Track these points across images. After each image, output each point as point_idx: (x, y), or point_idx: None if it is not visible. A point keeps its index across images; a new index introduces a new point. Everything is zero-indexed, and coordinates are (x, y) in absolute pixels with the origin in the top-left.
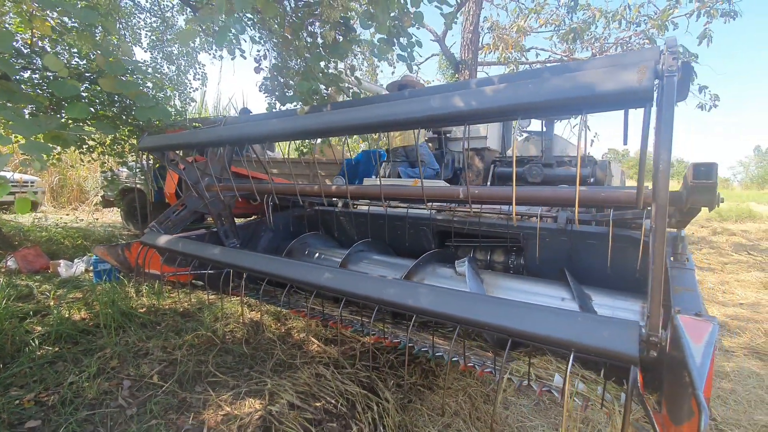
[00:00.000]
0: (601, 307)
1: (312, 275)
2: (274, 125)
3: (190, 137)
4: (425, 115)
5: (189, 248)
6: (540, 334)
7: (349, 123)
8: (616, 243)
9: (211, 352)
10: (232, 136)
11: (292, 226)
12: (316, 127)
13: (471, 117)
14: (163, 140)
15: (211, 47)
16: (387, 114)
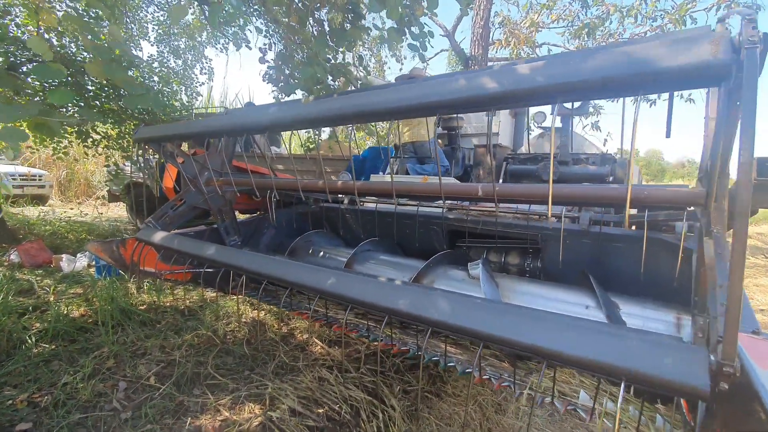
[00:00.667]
0: (629, 317)
1: (314, 279)
2: (276, 113)
3: (188, 127)
4: (447, 98)
5: (185, 246)
6: (585, 358)
7: (358, 109)
8: (649, 247)
9: (211, 352)
10: (232, 125)
11: (296, 223)
12: (322, 114)
13: (504, 100)
14: (159, 131)
15: (218, 41)
16: (403, 98)
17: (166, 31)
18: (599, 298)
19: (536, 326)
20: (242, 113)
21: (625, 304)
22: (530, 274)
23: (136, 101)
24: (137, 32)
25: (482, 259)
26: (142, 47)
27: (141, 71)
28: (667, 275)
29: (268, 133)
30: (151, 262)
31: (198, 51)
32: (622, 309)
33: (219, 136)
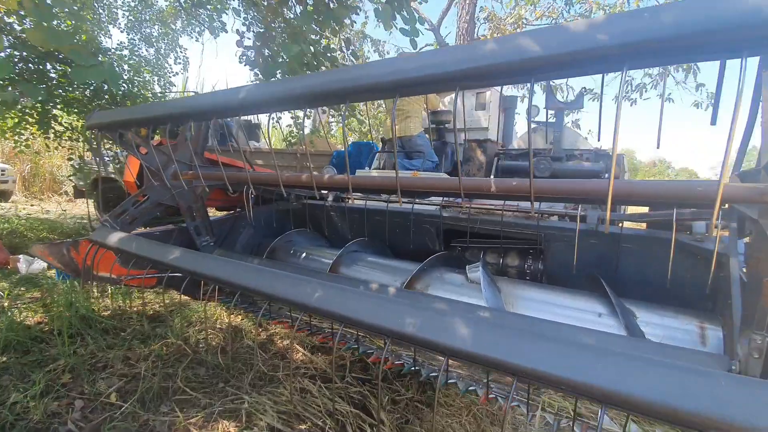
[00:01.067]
0: (648, 326)
1: (296, 291)
2: (251, 92)
3: (148, 110)
4: (451, 70)
5: (145, 249)
6: (666, 406)
7: (348, 84)
8: (663, 249)
9: (181, 363)
10: (200, 107)
11: (276, 222)
12: (304, 90)
13: (526, 70)
14: (115, 115)
15: (193, 29)
16: (408, 69)
17: (137, 18)
18: (614, 305)
19: (581, 360)
20: (211, 94)
21: (641, 311)
22: (531, 277)
23: (86, 74)
24: (106, 18)
25: (482, 262)
26: (111, 34)
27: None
28: (682, 279)
29: (240, 117)
30: (107, 267)
31: (172, 39)
32: (638, 317)
33: (185, 121)
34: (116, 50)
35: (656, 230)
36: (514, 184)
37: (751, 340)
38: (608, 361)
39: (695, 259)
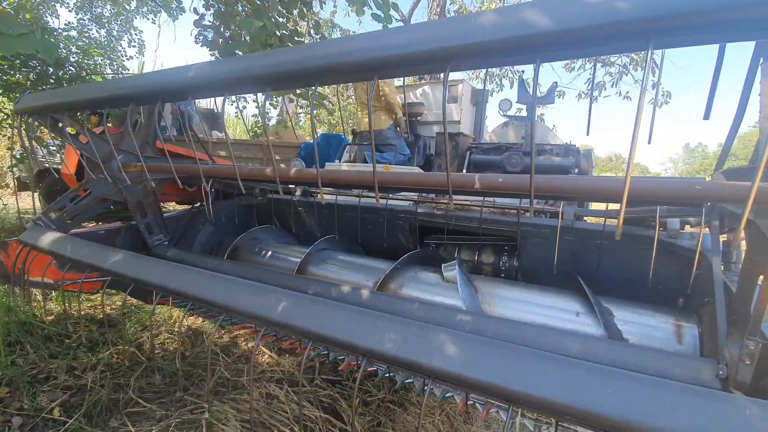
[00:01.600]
0: (625, 325)
1: (252, 302)
2: (202, 70)
3: (85, 92)
4: (444, 46)
5: (81, 252)
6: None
7: (319, 62)
8: (639, 246)
9: (134, 372)
10: (143, 88)
11: (240, 218)
12: (265, 70)
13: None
14: (46, 98)
15: (149, 11)
16: (391, 45)
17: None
18: (593, 304)
19: (556, 377)
20: (157, 73)
21: (618, 309)
22: (506, 275)
23: (14, 44)
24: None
25: (458, 260)
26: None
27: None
28: (656, 276)
29: (199, 105)
30: (40, 271)
31: (126, 20)
32: (615, 315)
33: (127, 104)
34: (63, 30)
35: (631, 226)
36: (500, 181)
37: (743, 346)
38: (594, 382)
39: (669, 255)
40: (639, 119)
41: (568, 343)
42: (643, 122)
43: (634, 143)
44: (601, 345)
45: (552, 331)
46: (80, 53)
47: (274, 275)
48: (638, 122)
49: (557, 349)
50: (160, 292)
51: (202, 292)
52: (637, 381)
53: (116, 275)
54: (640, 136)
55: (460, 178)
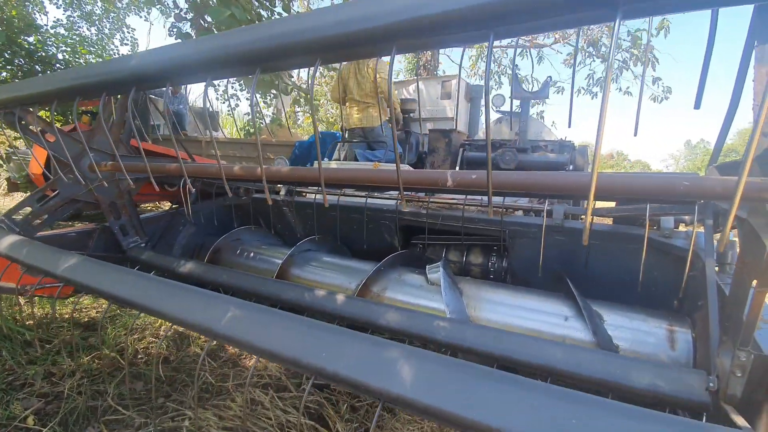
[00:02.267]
0: (616, 330)
1: (199, 312)
2: (181, 49)
3: (49, 83)
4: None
5: (34, 257)
6: None
7: (262, 45)
8: (628, 245)
9: (114, 378)
10: (115, 73)
11: (222, 218)
12: (256, 45)
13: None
14: (7, 92)
15: (141, 9)
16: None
17: None
18: (581, 308)
19: (540, 411)
20: (131, 57)
21: (608, 312)
22: (495, 276)
23: None
24: None
25: (443, 261)
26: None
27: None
28: (649, 277)
29: (193, 104)
30: (12, 275)
31: (117, 18)
32: (605, 320)
33: (100, 92)
34: (52, 27)
35: (622, 225)
36: (473, 178)
37: (735, 357)
38: (559, 409)
39: (663, 256)
40: (604, 110)
41: (551, 353)
42: (630, 115)
43: (599, 136)
44: (584, 355)
45: (533, 341)
46: (69, 51)
47: (250, 279)
48: (603, 115)
49: (539, 359)
50: (110, 301)
51: (149, 301)
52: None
53: (68, 282)
54: (630, 129)
55: (429, 176)
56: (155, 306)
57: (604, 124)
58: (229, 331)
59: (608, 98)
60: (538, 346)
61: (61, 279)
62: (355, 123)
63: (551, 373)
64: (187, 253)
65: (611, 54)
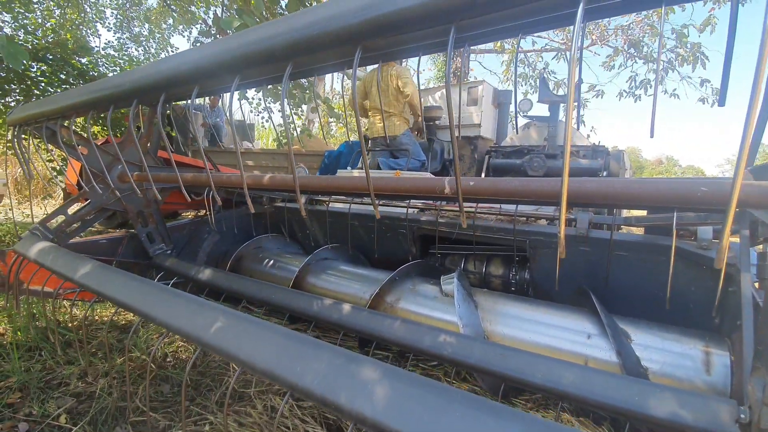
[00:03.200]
0: (645, 350)
1: (186, 320)
2: (206, 51)
3: (77, 95)
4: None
5: (59, 262)
6: None
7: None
8: (660, 257)
9: (144, 380)
10: (145, 80)
11: (246, 226)
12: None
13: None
14: (40, 106)
15: (184, 29)
16: None
17: (125, 16)
18: (605, 325)
19: None
20: (157, 63)
21: (637, 331)
22: (516, 288)
23: None
24: (94, 15)
25: (458, 272)
26: (99, 33)
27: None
28: (684, 293)
29: (231, 118)
30: (41, 279)
31: (163, 38)
32: (633, 339)
33: (131, 101)
34: (103, 49)
35: (655, 236)
36: (471, 185)
37: (767, 386)
38: None
39: (699, 269)
40: (570, 106)
41: (563, 374)
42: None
43: (567, 138)
44: (599, 379)
45: (543, 360)
46: (119, 71)
47: (264, 288)
48: (569, 114)
49: (549, 380)
50: (125, 309)
51: (145, 307)
52: None
53: (84, 287)
54: (644, 130)
55: (428, 183)
56: (165, 318)
57: (569, 130)
58: (214, 340)
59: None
60: (548, 367)
61: (82, 286)
62: (378, 132)
63: (563, 396)
64: (211, 261)
65: (572, 53)
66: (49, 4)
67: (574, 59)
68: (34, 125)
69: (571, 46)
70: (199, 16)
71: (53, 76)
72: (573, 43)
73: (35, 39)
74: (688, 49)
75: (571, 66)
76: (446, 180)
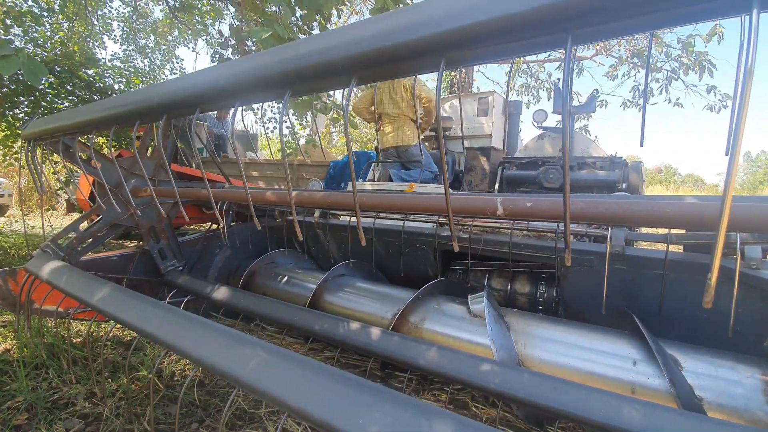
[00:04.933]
0: (698, 378)
1: (192, 342)
2: (207, 76)
3: (91, 111)
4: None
5: (71, 284)
6: None
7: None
8: (702, 276)
9: (152, 400)
10: (148, 102)
11: (258, 241)
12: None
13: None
14: (52, 121)
15: (189, 41)
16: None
17: (131, 28)
18: (653, 350)
19: None
20: (163, 85)
21: (686, 357)
22: (544, 308)
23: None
24: (101, 28)
25: (486, 291)
26: (106, 45)
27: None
28: (725, 313)
29: (226, 124)
30: (54, 299)
31: (168, 50)
32: (683, 365)
33: (135, 120)
34: (109, 60)
35: (695, 254)
36: (528, 206)
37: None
38: None
39: (748, 290)
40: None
41: (623, 411)
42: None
43: (567, 151)
44: (666, 417)
45: (600, 395)
46: (124, 82)
47: (282, 308)
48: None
49: (608, 417)
50: (137, 332)
51: (146, 326)
52: None
53: (99, 311)
54: (635, 139)
55: (476, 202)
56: (178, 344)
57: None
58: (220, 364)
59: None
60: (605, 402)
61: (93, 308)
62: (389, 142)
63: None
64: (222, 276)
65: (567, 77)
66: (58, 17)
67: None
68: (50, 140)
69: (564, 69)
70: (206, 28)
71: (60, 87)
72: (566, 68)
73: (44, 52)
74: (693, 59)
75: (565, 80)
76: (498, 200)
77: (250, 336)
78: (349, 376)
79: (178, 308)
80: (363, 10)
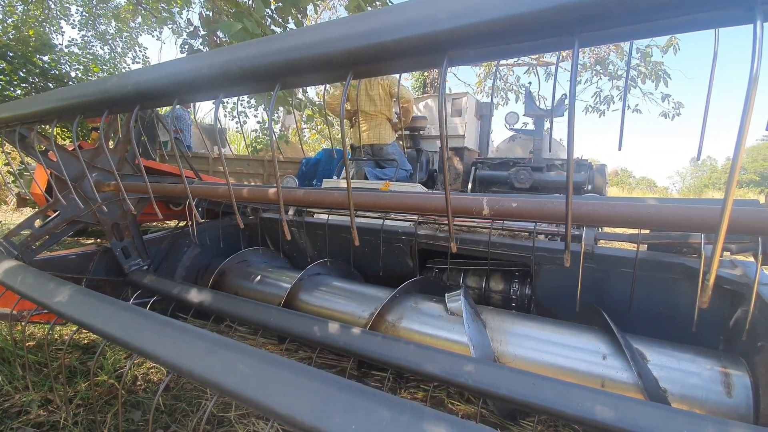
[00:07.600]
0: (662, 370)
1: (157, 341)
2: (188, 64)
3: (49, 100)
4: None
5: (28, 285)
6: None
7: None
8: (665, 274)
9: (112, 407)
10: (119, 90)
11: (229, 239)
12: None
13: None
14: (11, 109)
15: (154, 29)
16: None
17: (91, 13)
18: (622, 345)
19: None
20: (136, 72)
21: (651, 351)
22: (517, 305)
23: None
24: (59, 12)
25: (463, 290)
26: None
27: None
28: (689, 311)
29: (201, 121)
30: (8, 301)
31: (130, 37)
32: (648, 359)
33: (103, 109)
34: (66, 47)
35: (659, 253)
36: (514, 206)
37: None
38: None
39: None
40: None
41: (599, 404)
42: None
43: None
44: (641, 410)
45: (579, 390)
46: (82, 69)
47: (255, 308)
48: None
49: (587, 411)
50: (101, 336)
51: (140, 342)
52: None
53: (59, 314)
54: (613, 142)
55: (465, 202)
56: (146, 347)
57: (575, 139)
58: (187, 365)
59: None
60: (584, 396)
61: (52, 311)
62: (365, 140)
63: (602, 429)
64: (191, 276)
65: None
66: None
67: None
68: (4, 129)
69: (572, 71)
70: (171, 16)
71: (13, 74)
72: (573, 69)
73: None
74: (650, 68)
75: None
76: (484, 200)
77: (230, 339)
78: (343, 380)
79: (147, 310)
80: (336, 6)
